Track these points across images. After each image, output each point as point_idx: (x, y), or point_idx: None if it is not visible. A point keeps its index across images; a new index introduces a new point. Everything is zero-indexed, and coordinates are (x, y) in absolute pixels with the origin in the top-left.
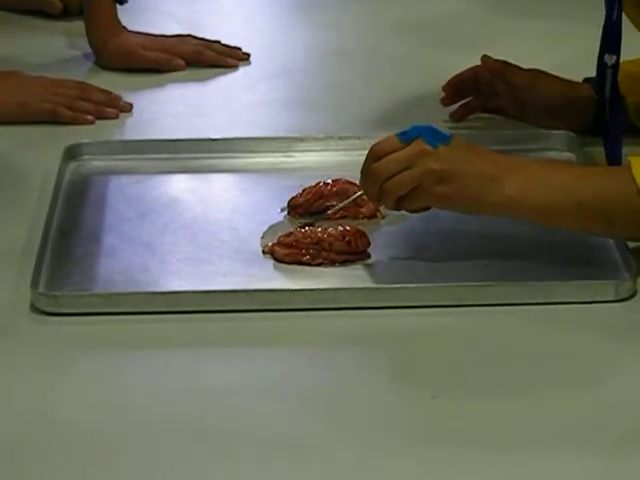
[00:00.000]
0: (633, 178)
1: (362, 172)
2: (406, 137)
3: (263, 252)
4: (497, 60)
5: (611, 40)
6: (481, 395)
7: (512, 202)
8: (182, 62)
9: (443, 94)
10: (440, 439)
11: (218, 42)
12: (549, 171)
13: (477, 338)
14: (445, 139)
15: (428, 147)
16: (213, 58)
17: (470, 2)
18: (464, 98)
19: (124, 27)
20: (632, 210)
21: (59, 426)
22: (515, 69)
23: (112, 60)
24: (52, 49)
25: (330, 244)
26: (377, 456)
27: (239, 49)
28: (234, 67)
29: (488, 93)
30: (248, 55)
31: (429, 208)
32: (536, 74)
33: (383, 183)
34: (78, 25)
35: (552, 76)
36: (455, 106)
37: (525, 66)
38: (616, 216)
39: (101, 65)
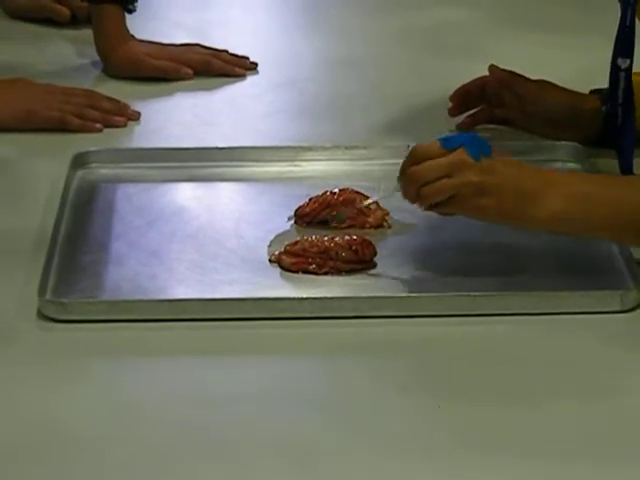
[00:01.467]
0: None
1: (401, 171)
2: (448, 144)
3: (270, 260)
4: (504, 70)
5: (625, 44)
6: (487, 404)
7: (552, 218)
8: (190, 71)
9: (450, 104)
10: (445, 448)
11: (226, 51)
12: (589, 183)
13: (483, 348)
14: (487, 150)
15: (469, 158)
16: (221, 67)
17: (477, 12)
18: (471, 109)
19: (132, 35)
20: None
21: (65, 433)
22: (522, 79)
23: (120, 68)
24: (60, 57)
25: (337, 253)
26: (380, 463)
27: (247, 58)
28: (242, 76)
29: (495, 103)
30: (256, 64)
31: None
32: (543, 85)
33: (421, 187)
34: (86, 33)
35: (559, 87)
36: (462, 116)
37: (531, 76)
38: None
39: (109, 73)
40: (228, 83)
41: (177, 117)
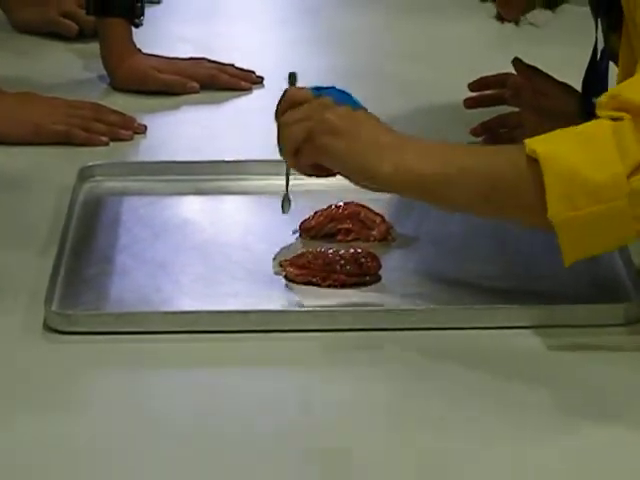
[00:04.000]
0: (524, 145)
1: (275, 115)
2: (318, 92)
3: (275, 273)
4: (529, 65)
5: (597, 82)
6: (490, 415)
7: (398, 171)
8: (196, 85)
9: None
10: (446, 460)
11: (232, 65)
12: (445, 148)
13: (484, 360)
14: (354, 104)
15: (332, 102)
16: (227, 81)
17: (482, 27)
18: (487, 103)
19: (139, 49)
20: (517, 178)
21: (71, 444)
22: (545, 76)
23: (126, 82)
24: (67, 70)
25: (341, 266)
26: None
27: (253, 72)
28: (248, 90)
29: (511, 103)
30: (262, 78)
31: (332, 173)
32: (567, 88)
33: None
34: (93, 47)
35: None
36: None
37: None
38: (502, 187)
39: (115, 87)
40: (234, 97)
41: (183, 130)
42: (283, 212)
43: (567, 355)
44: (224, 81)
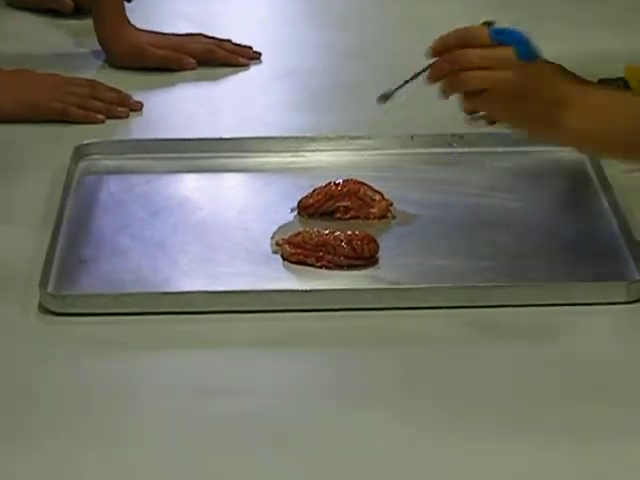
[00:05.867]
0: None
1: (439, 43)
2: (498, 37)
3: (273, 251)
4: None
5: None
6: (490, 395)
7: (582, 128)
8: (193, 61)
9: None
10: (442, 442)
11: (229, 41)
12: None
13: (486, 339)
14: (533, 54)
15: (515, 57)
16: (224, 57)
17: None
18: None
19: (132, 25)
20: None
21: (69, 428)
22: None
23: (122, 58)
24: (63, 48)
25: (335, 247)
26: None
27: (250, 48)
28: (245, 66)
29: None
30: (259, 54)
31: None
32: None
33: (459, 71)
34: (89, 24)
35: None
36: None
37: None
38: None
39: (111, 64)
40: (231, 73)
41: (180, 108)
42: (380, 101)
43: (569, 334)
44: (221, 56)
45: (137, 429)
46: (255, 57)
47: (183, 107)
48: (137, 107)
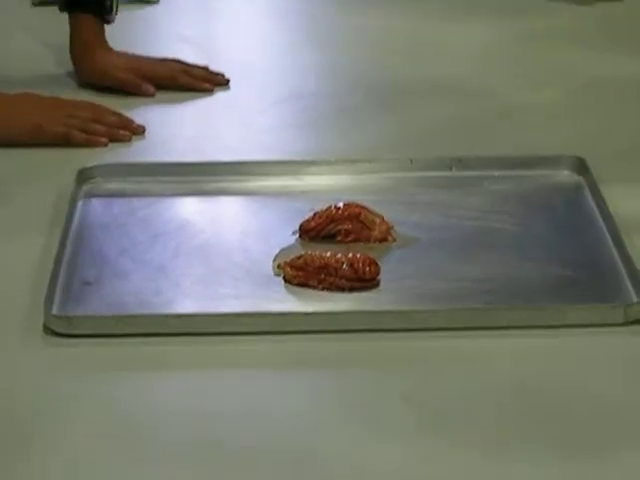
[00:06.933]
0: None
1: None
2: None
3: (275, 273)
4: None
5: None
6: (491, 417)
7: None
8: (151, 89)
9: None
10: (447, 466)
11: (205, 68)
12: None
13: (485, 361)
14: None
15: None
16: (186, 82)
17: (486, 26)
18: None
19: (108, 46)
20: None
21: (73, 447)
22: None
23: (87, 77)
24: (64, 67)
25: (336, 270)
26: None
27: (222, 75)
28: (209, 92)
29: None
30: (228, 80)
31: None
32: None
33: None
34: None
35: None
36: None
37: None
38: None
39: (78, 82)
40: (233, 97)
41: (182, 131)
42: None
43: (567, 355)
44: (183, 82)
45: (140, 450)
46: (222, 83)
47: (184, 131)
48: (139, 130)
